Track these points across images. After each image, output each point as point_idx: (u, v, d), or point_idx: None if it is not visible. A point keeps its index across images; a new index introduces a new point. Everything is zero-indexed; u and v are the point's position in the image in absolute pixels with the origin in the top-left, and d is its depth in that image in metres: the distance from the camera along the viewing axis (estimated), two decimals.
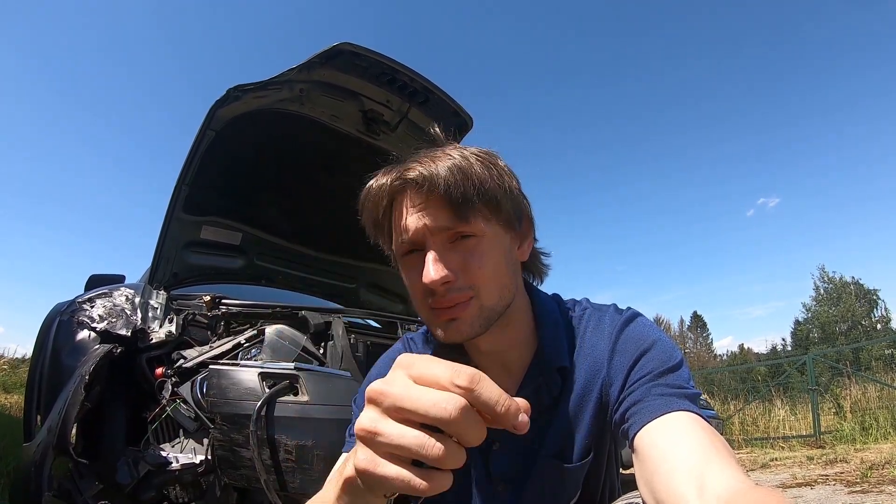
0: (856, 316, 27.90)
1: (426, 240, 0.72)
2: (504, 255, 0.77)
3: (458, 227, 0.72)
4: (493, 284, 0.74)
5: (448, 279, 0.71)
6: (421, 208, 0.72)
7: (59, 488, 1.66)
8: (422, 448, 0.39)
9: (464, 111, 2.67)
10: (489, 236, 0.74)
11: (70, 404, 1.65)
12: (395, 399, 0.41)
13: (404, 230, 0.73)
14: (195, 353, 1.94)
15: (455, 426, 0.39)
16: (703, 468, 0.55)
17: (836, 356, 10.83)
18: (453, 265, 0.72)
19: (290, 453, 1.55)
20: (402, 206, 0.74)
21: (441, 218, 0.71)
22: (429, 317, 0.76)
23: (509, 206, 0.76)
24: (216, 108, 2.17)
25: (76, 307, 2.04)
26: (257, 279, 3.13)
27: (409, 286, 0.78)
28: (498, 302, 0.76)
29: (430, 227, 0.71)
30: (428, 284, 0.71)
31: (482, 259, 0.73)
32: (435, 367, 0.41)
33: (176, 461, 1.71)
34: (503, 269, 0.76)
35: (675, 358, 0.74)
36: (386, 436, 0.40)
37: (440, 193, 0.70)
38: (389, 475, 0.40)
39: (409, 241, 0.74)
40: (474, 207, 0.71)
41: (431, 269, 0.70)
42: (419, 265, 0.73)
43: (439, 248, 0.72)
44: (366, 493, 0.48)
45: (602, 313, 0.85)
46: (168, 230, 2.34)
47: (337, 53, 2.26)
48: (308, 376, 1.68)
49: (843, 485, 4.06)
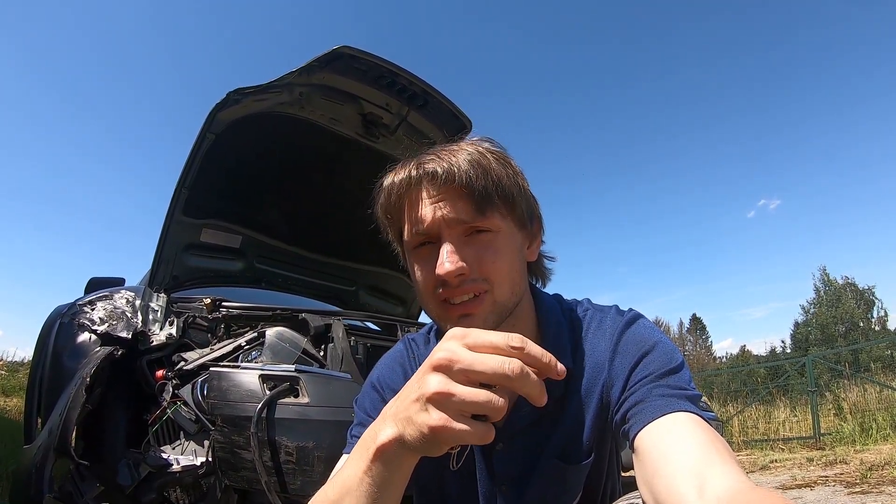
0: (854, 317, 27.91)
1: (442, 231, 0.72)
2: (517, 252, 0.77)
3: (476, 221, 0.72)
4: (506, 280, 0.74)
5: (463, 271, 0.70)
6: (439, 199, 0.72)
7: (59, 490, 1.66)
8: (490, 403, 0.47)
9: (463, 114, 2.68)
10: (504, 232, 0.75)
11: (71, 406, 1.65)
12: (465, 364, 0.48)
13: (419, 221, 0.73)
14: (196, 355, 1.94)
15: (518, 381, 0.47)
16: (704, 469, 0.55)
17: (836, 357, 10.83)
18: (469, 258, 0.72)
19: (291, 455, 1.55)
20: (418, 198, 0.74)
21: (460, 210, 0.72)
22: (439, 312, 0.76)
23: (523, 205, 0.77)
24: (216, 112, 2.18)
25: (77, 310, 2.04)
26: (257, 282, 3.13)
27: (418, 279, 0.77)
28: (510, 298, 0.76)
29: (448, 219, 0.72)
30: (442, 275, 0.70)
31: (497, 254, 0.73)
32: (488, 335, 0.50)
33: (177, 463, 1.71)
34: (516, 266, 0.77)
35: (676, 360, 0.74)
36: (459, 396, 0.48)
37: (461, 186, 0.70)
38: (464, 429, 0.48)
39: (423, 231, 0.73)
40: (492, 203, 0.72)
41: (447, 261, 0.70)
42: (432, 257, 0.73)
43: (455, 240, 0.72)
44: (401, 457, 0.54)
45: (604, 315, 0.85)
46: (168, 233, 2.35)
47: (336, 57, 2.27)
48: (308, 378, 1.69)
49: (842, 486, 4.06)
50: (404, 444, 0.53)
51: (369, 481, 0.56)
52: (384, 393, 0.89)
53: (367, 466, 0.56)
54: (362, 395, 0.92)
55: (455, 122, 2.66)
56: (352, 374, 1.87)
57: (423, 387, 0.50)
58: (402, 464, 0.55)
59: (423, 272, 0.76)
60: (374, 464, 0.55)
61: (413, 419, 0.51)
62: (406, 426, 0.52)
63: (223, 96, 2.16)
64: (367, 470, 0.56)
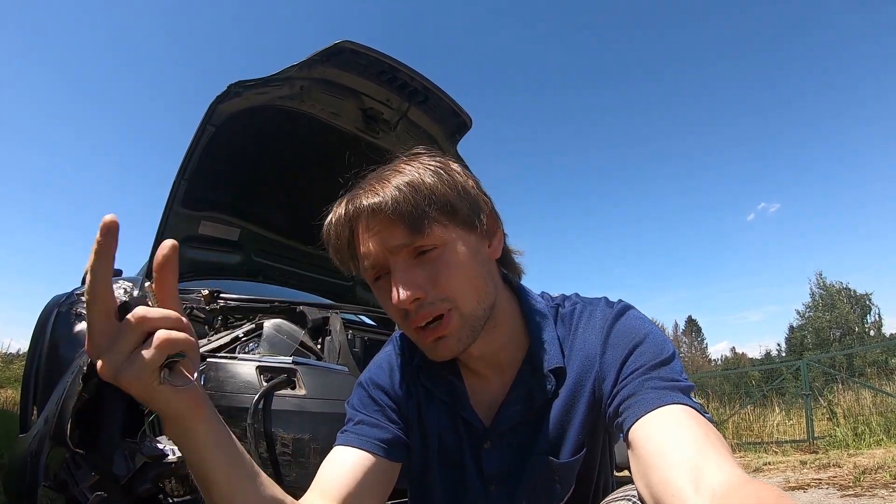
0: (849, 322, 28.02)
1: (388, 261, 0.72)
2: (473, 257, 0.75)
3: (416, 242, 0.71)
4: (468, 291, 0.73)
5: (417, 296, 0.70)
6: (376, 231, 0.72)
7: (54, 479, 1.66)
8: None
9: (463, 111, 2.68)
10: (451, 243, 0.73)
11: (68, 395, 1.65)
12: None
13: (366, 256, 0.73)
14: None
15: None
16: (699, 461, 0.55)
17: (830, 362, 10.87)
18: (420, 280, 0.71)
19: (287, 447, 1.55)
20: (360, 234, 0.74)
21: (396, 236, 0.70)
22: (415, 338, 0.76)
23: (465, 206, 0.74)
24: (216, 104, 2.18)
25: (74, 299, 2.04)
26: (255, 275, 3.13)
27: (387, 312, 0.77)
28: (477, 307, 0.75)
29: (388, 248, 0.71)
30: (397, 306, 0.71)
31: (450, 268, 0.72)
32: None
33: (172, 453, 1.71)
34: (475, 272, 0.75)
35: (668, 351, 0.73)
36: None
37: (389, 214, 0.69)
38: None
39: (371, 265, 0.74)
40: (428, 217, 0.70)
41: (399, 291, 0.70)
42: (389, 288, 0.72)
43: (402, 266, 0.71)
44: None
45: (593, 307, 0.84)
46: (166, 225, 2.34)
47: (338, 51, 2.26)
48: (306, 370, 1.69)
49: (835, 489, 4.08)
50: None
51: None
52: (370, 389, 0.89)
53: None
54: (352, 395, 0.92)
55: (455, 118, 2.66)
56: (349, 367, 1.87)
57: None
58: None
59: (386, 304, 0.76)
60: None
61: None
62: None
63: (224, 89, 2.15)
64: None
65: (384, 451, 0.82)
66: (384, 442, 0.82)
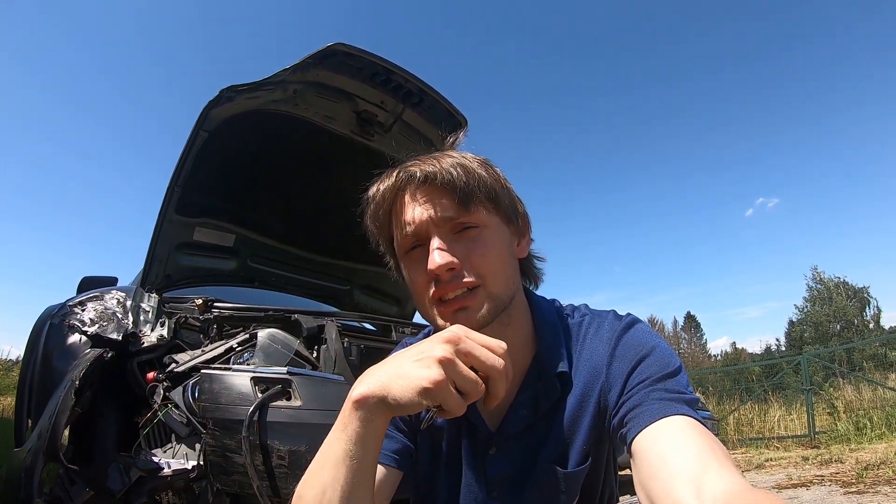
0: (848, 315, 28.07)
1: (430, 231, 0.74)
2: (506, 247, 0.80)
3: (462, 217, 0.75)
4: (498, 273, 0.76)
5: (453, 265, 0.72)
6: (424, 201, 0.75)
7: (49, 494, 1.64)
8: (477, 383, 0.58)
9: (458, 112, 2.66)
10: (492, 227, 0.77)
11: (60, 410, 1.63)
12: (469, 346, 0.59)
13: (408, 223, 0.76)
14: (187, 357, 1.91)
15: (497, 378, 0.59)
16: (701, 472, 0.55)
17: (830, 356, 10.87)
18: (458, 254, 0.73)
19: (283, 459, 1.53)
20: (404, 203, 0.77)
21: (445, 208, 0.74)
22: (435, 312, 0.77)
23: (507, 202, 0.80)
24: (209, 109, 2.16)
25: (67, 310, 2.01)
26: (250, 281, 3.11)
27: (412, 283, 0.80)
28: (504, 290, 0.77)
29: (434, 218, 0.74)
30: (434, 270, 0.72)
31: (486, 248, 0.75)
32: (487, 337, 0.61)
33: (168, 467, 1.69)
34: (506, 260, 0.79)
35: (674, 364, 0.74)
36: (459, 366, 0.58)
37: (443, 185, 0.73)
38: (451, 392, 0.57)
39: (412, 233, 0.76)
40: (476, 198, 0.74)
41: (437, 256, 0.72)
42: (423, 258, 0.74)
43: (444, 237, 0.74)
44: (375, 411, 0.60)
45: (602, 319, 0.85)
46: (160, 232, 2.32)
47: (331, 54, 2.24)
48: (301, 381, 1.66)
49: (838, 485, 4.07)
50: (382, 398, 0.59)
51: (346, 438, 0.61)
52: None
53: (344, 422, 0.62)
54: None
55: (450, 119, 2.64)
56: (345, 375, 1.84)
57: (432, 350, 0.58)
58: (375, 419, 0.61)
59: (416, 273, 0.78)
60: (351, 416, 0.61)
61: (409, 374, 0.57)
62: (395, 380, 0.58)
63: (216, 94, 2.13)
64: (344, 427, 0.62)
65: (395, 462, 0.85)
66: (395, 453, 0.85)
